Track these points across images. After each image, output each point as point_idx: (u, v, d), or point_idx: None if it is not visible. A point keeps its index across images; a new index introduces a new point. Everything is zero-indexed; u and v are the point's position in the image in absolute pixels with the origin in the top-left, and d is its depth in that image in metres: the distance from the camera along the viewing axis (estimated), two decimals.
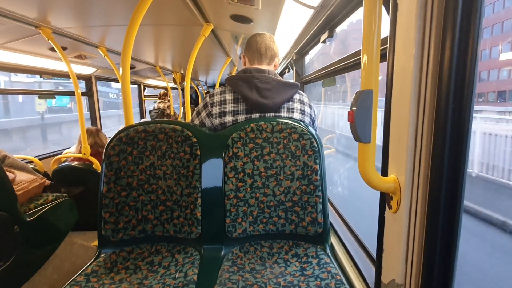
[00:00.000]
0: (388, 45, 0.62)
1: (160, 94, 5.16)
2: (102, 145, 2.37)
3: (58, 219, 1.63)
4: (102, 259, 1.01)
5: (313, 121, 1.23)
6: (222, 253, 1.06)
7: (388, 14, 0.63)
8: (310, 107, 1.21)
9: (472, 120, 0.50)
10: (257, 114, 1.13)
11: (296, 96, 1.18)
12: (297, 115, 1.15)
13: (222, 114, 1.14)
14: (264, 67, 1.18)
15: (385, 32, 0.62)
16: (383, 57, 0.62)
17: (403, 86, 0.58)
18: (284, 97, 1.12)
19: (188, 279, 0.88)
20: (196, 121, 1.21)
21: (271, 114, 1.13)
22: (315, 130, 1.26)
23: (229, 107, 1.14)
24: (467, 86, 0.49)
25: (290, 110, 1.15)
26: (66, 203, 1.68)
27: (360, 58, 0.57)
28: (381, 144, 0.67)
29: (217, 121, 1.15)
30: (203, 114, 1.18)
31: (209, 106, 1.16)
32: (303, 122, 1.16)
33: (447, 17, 0.50)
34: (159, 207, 1.10)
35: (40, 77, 2.72)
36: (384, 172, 0.67)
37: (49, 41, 1.82)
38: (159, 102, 5.05)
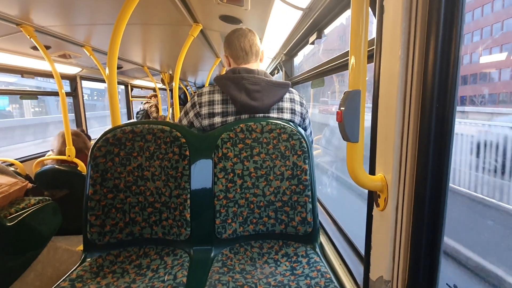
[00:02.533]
0: (375, 47, 0.64)
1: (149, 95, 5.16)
2: (82, 148, 2.30)
3: (41, 223, 1.57)
4: (87, 263, 0.98)
5: (303, 119, 1.21)
6: (212, 254, 1.05)
7: (375, 16, 0.64)
8: (301, 104, 1.19)
9: (455, 119, 0.52)
10: (246, 116, 1.12)
11: (287, 95, 1.16)
12: (286, 115, 1.14)
13: (211, 115, 1.12)
14: (252, 65, 1.17)
15: (372, 33, 0.63)
16: (370, 58, 0.63)
17: (389, 86, 0.59)
18: (274, 98, 1.11)
19: (178, 281, 0.87)
20: (184, 121, 1.19)
21: (260, 116, 1.12)
22: (308, 126, 1.25)
23: (218, 108, 1.12)
24: (450, 86, 0.51)
25: (280, 110, 1.14)
26: (49, 206, 1.63)
27: (348, 59, 0.58)
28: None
29: (205, 122, 1.13)
30: (191, 114, 1.16)
31: (197, 106, 1.14)
32: (293, 121, 1.16)
33: (431, 20, 0.51)
34: (147, 209, 1.08)
35: (22, 76, 2.63)
36: (372, 171, 0.68)
37: (31, 39, 1.76)
38: (144, 103, 5.01)
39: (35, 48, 2.04)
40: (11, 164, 2.34)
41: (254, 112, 1.11)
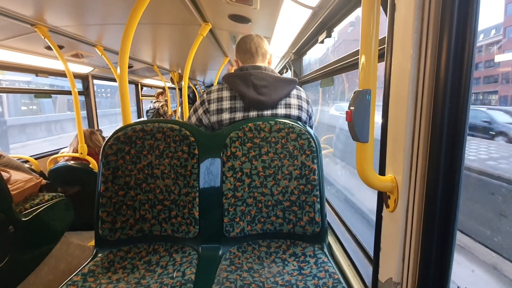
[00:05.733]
0: (386, 45, 0.63)
1: (156, 94, 5.23)
2: (96, 148, 2.35)
3: (54, 219, 1.62)
4: (99, 258, 1.01)
5: (309, 117, 1.23)
6: (220, 252, 1.06)
7: (386, 15, 0.63)
8: (308, 102, 1.21)
9: (468, 120, 0.51)
10: (254, 112, 1.13)
11: (294, 92, 1.18)
12: (294, 111, 1.16)
13: (219, 111, 1.14)
14: (259, 64, 1.19)
15: (383, 32, 0.63)
16: (381, 57, 0.62)
17: (400, 86, 0.58)
18: (281, 93, 1.12)
19: (186, 278, 0.88)
20: (193, 118, 1.22)
21: (268, 112, 1.13)
22: (311, 126, 1.27)
23: (226, 104, 1.14)
24: (464, 86, 0.50)
25: (288, 106, 1.15)
26: (62, 202, 1.67)
27: (358, 58, 0.57)
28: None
29: (214, 118, 1.15)
30: (200, 111, 1.19)
31: (206, 103, 1.17)
32: (301, 118, 1.17)
33: (444, 18, 0.50)
34: (157, 207, 1.10)
35: (36, 75, 2.70)
36: (382, 171, 0.67)
37: (45, 39, 1.80)
38: (155, 102, 5.09)
39: (49, 47, 2.10)
40: (26, 161, 2.41)
41: (262, 107, 1.12)
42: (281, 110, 1.14)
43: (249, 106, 1.12)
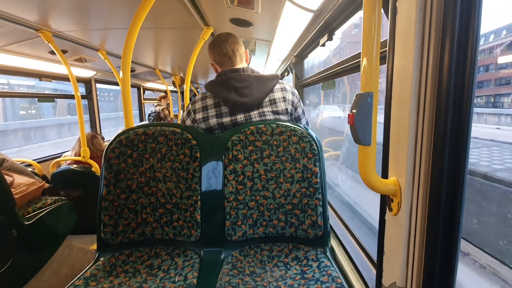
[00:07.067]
0: (387, 48, 0.63)
1: (159, 97, 5.27)
2: (97, 151, 2.36)
3: (57, 222, 1.62)
4: (101, 262, 1.00)
5: (295, 108, 1.20)
6: (222, 256, 1.05)
7: (388, 18, 0.63)
8: (293, 94, 1.20)
9: (472, 122, 0.50)
10: (241, 115, 1.13)
11: (277, 86, 1.17)
12: (281, 105, 1.16)
13: (206, 118, 1.15)
14: (238, 66, 1.19)
15: (384, 35, 0.62)
16: (382, 60, 0.62)
17: (403, 88, 0.58)
18: (264, 90, 1.13)
19: (188, 282, 0.88)
20: None
21: (255, 112, 1.13)
22: (302, 115, 1.24)
23: (211, 112, 1.15)
24: (467, 89, 0.49)
25: (273, 101, 1.15)
26: (65, 206, 1.68)
27: (360, 61, 0.57)
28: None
29: (202, 125, 1.17)
30: (188, 121, 1.20)
31: (192, 113, 1.18)
32: (287, 110, 1.16)
33: (446, 20, 0.50)
34: (158, 210, 1.09)
35: (40, 80, 2.72)
36: (385, 175, 0.67)
37: (49, 44, 1.82)
38: (156, 105, 5.13)
39: (52, 52, 2.12)
40: (29, 165, 2.42)
41: (246, 108, 1.12)
42: (267, 108, 1.15)
43: (233, 110, 1.13)
